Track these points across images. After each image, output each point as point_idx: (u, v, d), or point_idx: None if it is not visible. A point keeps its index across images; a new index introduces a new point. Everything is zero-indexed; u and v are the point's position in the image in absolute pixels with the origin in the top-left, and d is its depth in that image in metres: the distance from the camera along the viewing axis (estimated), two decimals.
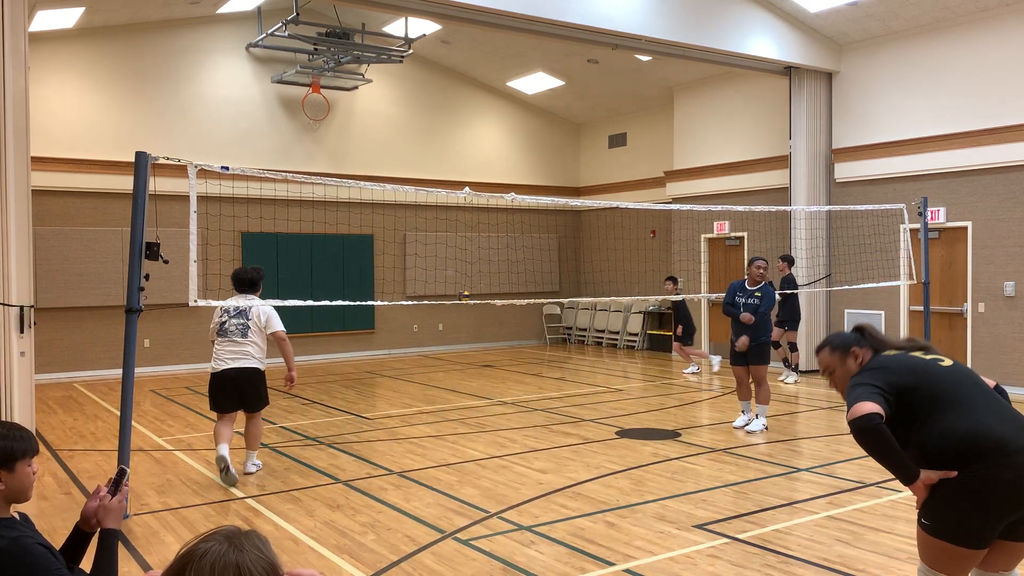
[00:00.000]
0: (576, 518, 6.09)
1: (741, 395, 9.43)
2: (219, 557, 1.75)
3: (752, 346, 9.08)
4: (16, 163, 7.62)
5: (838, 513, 6.17)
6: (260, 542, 1.82)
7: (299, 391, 12.44)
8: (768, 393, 9.22)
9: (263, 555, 1.79)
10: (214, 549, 1.77)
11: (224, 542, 1.78)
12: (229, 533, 1.82)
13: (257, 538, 1.83)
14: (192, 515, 6.33)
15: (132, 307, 6.39)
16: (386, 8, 11.30)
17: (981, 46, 12.15)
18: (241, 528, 1.85)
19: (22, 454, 2.83)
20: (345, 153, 16.79)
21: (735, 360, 9.28)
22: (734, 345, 9.18)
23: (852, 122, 13.94)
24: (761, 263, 9.23)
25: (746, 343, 9.04)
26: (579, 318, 19.49)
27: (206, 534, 1.82)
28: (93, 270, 13.98)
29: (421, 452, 8.35)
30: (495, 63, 17.38)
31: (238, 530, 1.84)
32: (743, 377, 9.29)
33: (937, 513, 3.28)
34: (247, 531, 1.85)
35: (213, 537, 1.80)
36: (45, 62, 13.71)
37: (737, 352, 9.17)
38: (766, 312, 9.12)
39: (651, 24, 12.15)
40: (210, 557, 1.75)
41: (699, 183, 16.28)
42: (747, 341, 9.03)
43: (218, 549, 1.76)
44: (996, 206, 12.05)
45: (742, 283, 9.33)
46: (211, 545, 1.77)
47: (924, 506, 3.33)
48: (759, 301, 9.08)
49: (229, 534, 1.81)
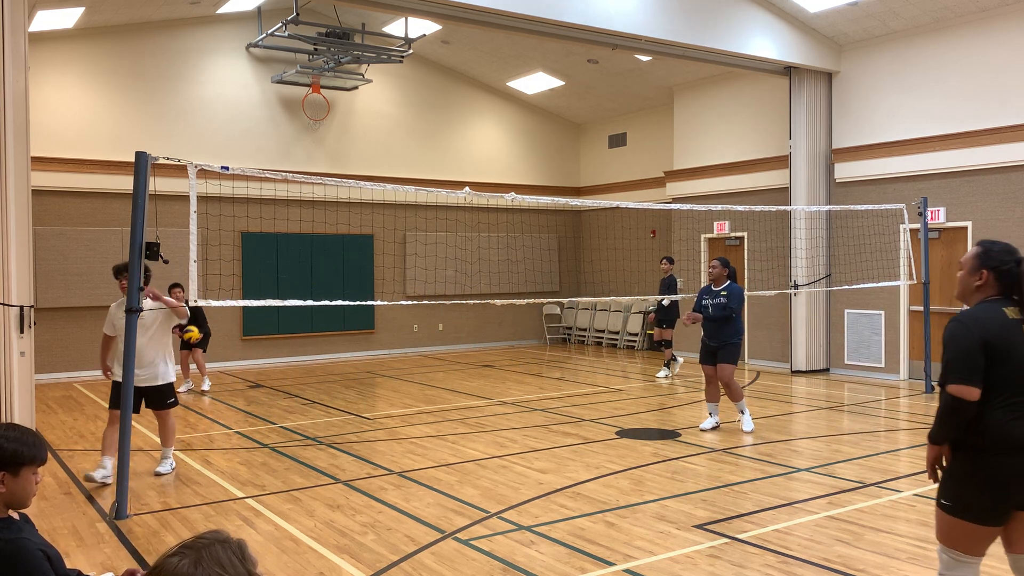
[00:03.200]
0: (576, 518, 6.09)
1: (709, 395, 9.37)
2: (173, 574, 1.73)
3: (721, 346, 9.12)
4: (16, 163, 7.62)
5: (838, 513, 6.17)
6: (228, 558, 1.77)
7: (299, 391, 12.45)
8: (739, 390, 9.24)
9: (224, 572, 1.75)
10: (172, 563, 1.73)
11: (189, 556, 1.75)
12: (203, 545, 1.78)
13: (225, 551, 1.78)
14: (192, 515, 6.33)
15: (132, 307, 6.39)
16: (386, 8, 11.30)
17: (981, 46, 12.15)
18: (218, 538, 1.80)
19: (30, 460, 2.82)
20: (345, 153, 16.79)
21: (704, 359, 9.33)
22: (705, 345, 9.27)
23: (852, 122, 13.94)
24: (716, 263, 9.32)
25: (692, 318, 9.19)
26: (579, 318, 19.49)
27: (185, 543, 1.78)
28: (93, 270, 13.97)
29: (421, 452, 8.35)
30: (495, 63, 17.38)
31: (213, 541, 1.79)
32: (712, 375, 9.27)
33: (955, 493, 3.44)
34: (223, 542, 1.80)
35: (186, 550, 1.76)
36: (45, 62, 13.71)
37: (706, 351, 9.25)
38: (736, 308, 9.16)
39: (651, 24, 12.15)
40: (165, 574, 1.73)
41: (699, 183, 16.29)
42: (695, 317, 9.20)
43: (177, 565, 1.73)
44: (996, 206, 12.05)
45: (708, 286, 9.42)
46: (174, 560, 1.74)
47: (943, 487, 3.51)
48: (726, 299, 9.14)
49: (202, 546, 1.77)
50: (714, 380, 9.28)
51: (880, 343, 13.37)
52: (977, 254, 3.60)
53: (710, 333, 9.25)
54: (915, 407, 10.87)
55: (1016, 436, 3.36)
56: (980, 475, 3.39)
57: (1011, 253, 3.56)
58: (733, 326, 9.16)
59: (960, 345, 3.42)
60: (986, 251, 3.58)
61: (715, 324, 9.16)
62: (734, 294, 9.16)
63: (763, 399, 11.35)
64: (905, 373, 13.12)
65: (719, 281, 9.24)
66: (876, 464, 7.69)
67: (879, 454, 8.08)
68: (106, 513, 6.35)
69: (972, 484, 3.41)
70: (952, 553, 3.50)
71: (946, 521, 3.50)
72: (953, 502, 3.46)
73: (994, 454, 3.37)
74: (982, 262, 3.57)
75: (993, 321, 3.44)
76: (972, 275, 3.59)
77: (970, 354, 3.38)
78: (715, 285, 9.26)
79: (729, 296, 9.13)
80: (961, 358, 3.40)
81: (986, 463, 3.38)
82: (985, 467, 3.38)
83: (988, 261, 3.56)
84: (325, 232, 16.20)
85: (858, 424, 9.64)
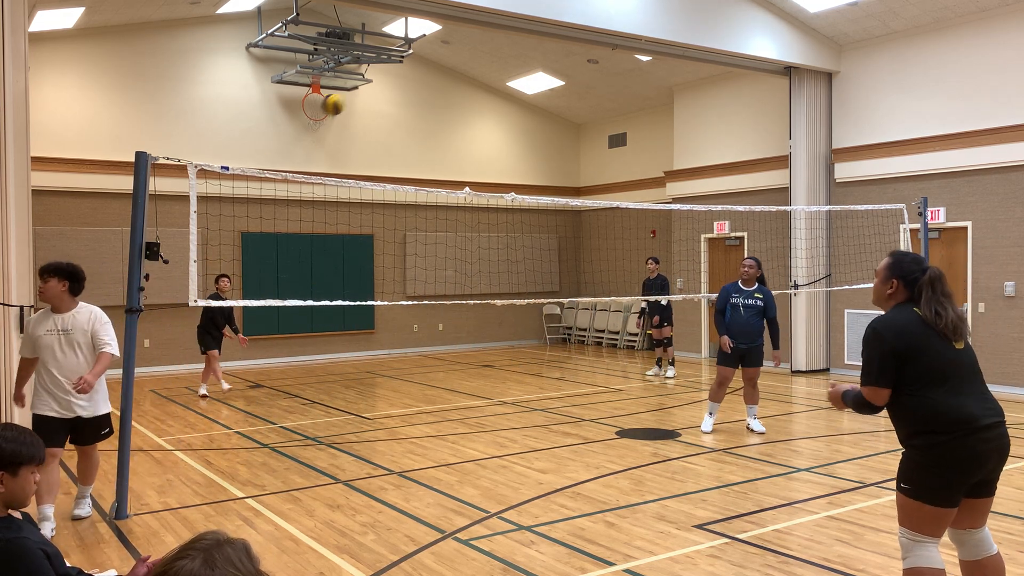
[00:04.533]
0: (576, 518, 6.09)
1: (717, 395, 9.21)
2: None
3: (751, 347, 9.06)
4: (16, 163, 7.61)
5: (838, 513, 6.17)
6: (238, 556, 1.78)
7: (299, 391, 12.45)
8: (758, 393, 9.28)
9: (238, 572, 1.76)
10: (187, 567, 1.74)
11: (199, 557, 1.75)
12: (209, 546, 1.78)
13: (234, 550, 1.79)
14: (192, 515, 6.33)
15: (132, 307, 6.39)
16: (386, 8, 11.30)
17: (981, 46, 12.15)
18: (221, 538, 1.81)
19: (28, 460, 2.85)
20: (345, 153, 16.79)
21: (727, 361, 9.09)
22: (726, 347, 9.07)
23: (852, 122, 13.94)
24: (752, 263, 9.13)
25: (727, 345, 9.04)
26: (579, 318, 19.49)
27: (188, 544, 1.79)
28: (93, 270, 13.84)
29: (421, 452, 8.35)
30: (495, 63, 17.38)
31: (218, 541, 1.80)
32: (729, 377, 9.15)
33: (914, 477, 3.68)
34: (228, 542, 1.80)
35: (191, 552, 1.77)
36: (45, 62, 13.71)
37: (734, 353, 9.02)
38: (774, 316, 9.07)
39: (651, 24, 12.15)
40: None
41: (699, 183, 16.28)
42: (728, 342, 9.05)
43: (191, 568, 1.74)
44: (996, 206, 12.05)
45: (736, 284, 9.21)
46: (185, 563, 1.74)
47: (902, 472, 3.76)
48: (763, 303, 9.02)
49: (208, 547, 1.78)
50: (728, 382, 9.18)
51: None
52: (888, 264, 3.94)
53: (741, 335, 9.03)
54: None
55: (960, 415, 3.59)
56: (935, 459, 3.61)
57: (919, 263, 3.90)
58: (762, 327, 9.12)
59: (872, 351, 3.74)
60: (897, 262, 3.91)
61: (748, 326, 9.01)
62: (770, 298, 9.08)
63: (763, 399, 11.33)
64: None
65: (751, 282, 9.12)
66: (876, 464, 7.69)
67: (879, 454, 8.08)
68: (106, 513, 6.34)
69: (928, 468, 3.64)
70: (911, 535, 3.72)
71: (906, 503, 3.72)
72: (912, 485, 3.68)
73: (948, 438, 3.59)
74: (892, 272, 3.90)
75: (907, 323, 3.75)
76: (884, 284, 3.93)
77: (882, 360, 3.70)
78: (746, 285, 9.11)
79: (766, 300, 9.03)
80: (873, 362, 3.73)
81: (940, 447, 3.60)
82: (940, 451, 3.60)
83: (897, 271, 3.88)
84: (325, 232, 16.20)
85: (858, 424, 9.64)
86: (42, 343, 5.75)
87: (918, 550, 3.70)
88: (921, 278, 3.82)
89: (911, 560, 3.72)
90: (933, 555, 3.69)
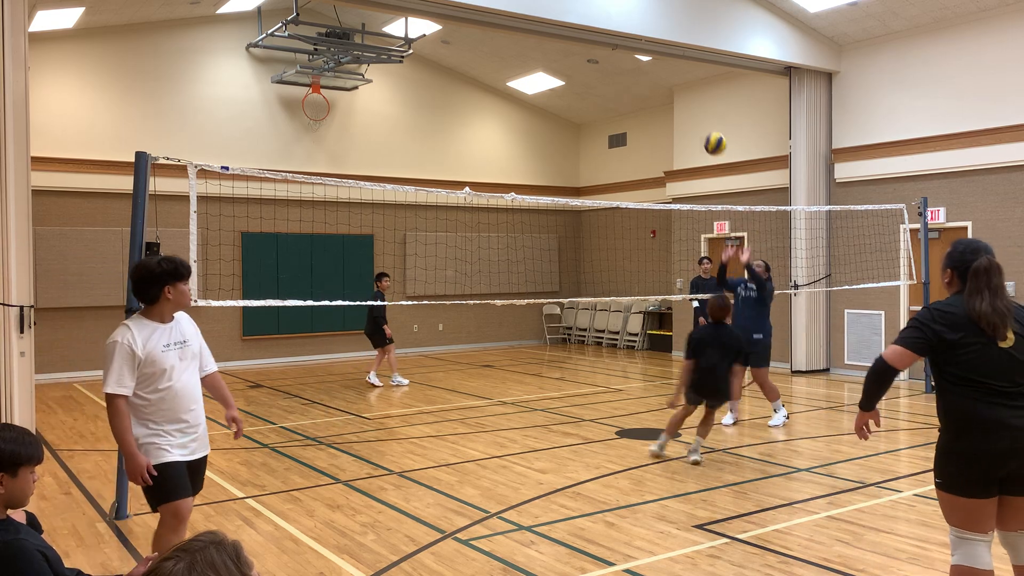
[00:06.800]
0: (576, 518, 6.09)
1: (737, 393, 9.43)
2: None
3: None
4: (16, 163, 7.62)
5: (838, 513, 6.17)
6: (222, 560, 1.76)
7: (299, 391, 12.46)
8: (774, 389, 9.33)
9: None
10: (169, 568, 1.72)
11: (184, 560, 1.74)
12: (199, 548, 1.77)
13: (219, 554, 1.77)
14: (192, 515, 6.30)
15: (132, 307, 6.38)
16: (386, 8, 11.30)
17: (981, 46, 12.14)
18: (213, 540, 1.79)
19: (27, 460, 2.86)
20: (345, 153, 16.79)
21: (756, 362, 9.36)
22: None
23: (852, 122, 13.94)
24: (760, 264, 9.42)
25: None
26: (579, 318, 19.49)
27: (180, 546, 1.78)
28: (93, 270, 13.98)
29: (421, 452, 8.35)
30: (495, 63, 17.38)
31: (207, 544, 1.78)
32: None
33: (944, 470, 3.67)
34: (217, 545, 1.79)
35: (181, 553, 1.75)
36: (45, 62, 13.71)
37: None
38: (767, 302, 9.23)
39: (651, 24, 12.16)
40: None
41: (699, 183, 16.28)
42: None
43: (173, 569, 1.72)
44: (996, 206, 12.05)
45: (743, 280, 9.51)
46: (169, 564, 1.73)
47: (935, 466, 3.74)
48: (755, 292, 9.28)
49: (198, 549, 1.76)
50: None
51: (880, 343, 13.35)
52: (946, 254, 3.89)
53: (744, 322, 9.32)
54: (915, 407, 10.86)
55: (983, 417, 3.54)
56: (959, 451, 3.62)
57: (972, 252, 3.78)
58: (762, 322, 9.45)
59: (915, 321, 3.75)
60: (950, 252, 3.86)
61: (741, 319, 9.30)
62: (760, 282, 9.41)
63: (763, 399, 11.33)
64: (905, 373, 13.11)
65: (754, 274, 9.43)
66: (876, 464, 7.69)
67: (879, 454, 8.08)
68: (106, 513, 6.35)
69: (953, 459, 3.64)
70: (956, 532, 3.67)
71: (942, 498, 3.71)
72: (944, 479, 3.68)
73: (968, 433, 3.59)
74: (946, 262, 3.88)
75: (952, 313, 3.68)
76: (943, 273, 3.91)
77: (920, 329, 3.68)
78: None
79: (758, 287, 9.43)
80: (911, 328, 3.72)
81: (962, 440, 3.61)
82: (962, 443, 3.61)
83: (950, 261, 3.84)
84: (325, 232, 16.21)
85: None
86: (166, 362, 4.34)
87: (964, 547, 3.63)
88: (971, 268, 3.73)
89: (956, 557, 3.66)
90: (979, 553, 3.61)
